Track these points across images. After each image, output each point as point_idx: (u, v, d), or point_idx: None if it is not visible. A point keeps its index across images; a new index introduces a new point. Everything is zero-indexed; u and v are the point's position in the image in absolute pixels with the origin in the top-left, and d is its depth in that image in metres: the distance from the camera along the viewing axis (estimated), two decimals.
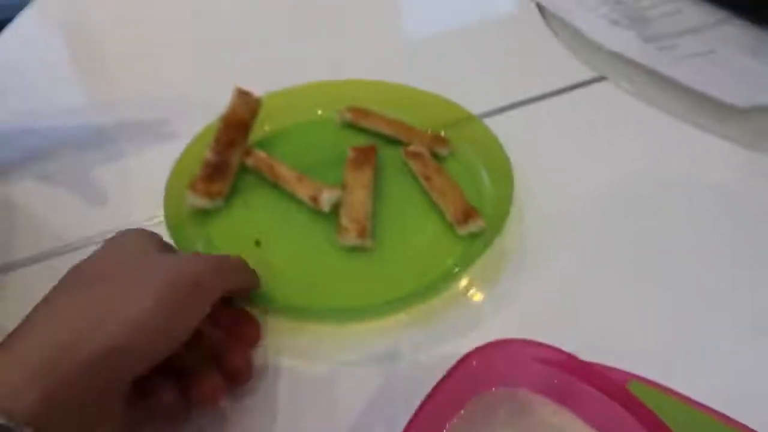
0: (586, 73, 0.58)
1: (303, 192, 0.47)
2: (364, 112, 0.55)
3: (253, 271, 0.39)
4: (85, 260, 0.32)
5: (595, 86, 0.56)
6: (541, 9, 0.65)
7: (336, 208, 0.46)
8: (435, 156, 0.51)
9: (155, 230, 0.36)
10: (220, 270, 0.34)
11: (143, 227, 0.36)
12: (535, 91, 0.57)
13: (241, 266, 0.37)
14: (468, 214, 0.44)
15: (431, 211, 0.47)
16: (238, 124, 0.52)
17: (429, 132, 0.53)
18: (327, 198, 0.46)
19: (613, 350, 0.32)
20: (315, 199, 0.47)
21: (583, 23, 0.60)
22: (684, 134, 0.51)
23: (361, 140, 0.53)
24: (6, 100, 0.61)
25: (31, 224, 0.48)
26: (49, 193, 0.51)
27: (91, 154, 0.55)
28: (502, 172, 0.47)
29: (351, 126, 0.55)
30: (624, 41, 0.58)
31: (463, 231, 0.44)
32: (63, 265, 0.32)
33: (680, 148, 0.51)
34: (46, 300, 0.30)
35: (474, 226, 0.44)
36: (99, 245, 0.34)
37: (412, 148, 0.52)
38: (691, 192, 0.47)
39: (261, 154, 0.51)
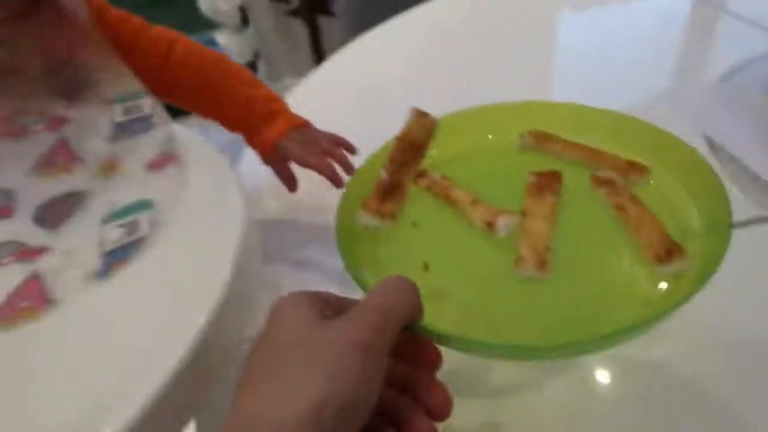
0: (751, 211, 0.52)
1: (477, 216, 0.44)
2: (547, 136, 0.51)
3: (419, 301, 0.35)
4: (258, 343, 0.31)
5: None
6: (709, 140, 0.64)
7: (512, 235, 0.42)
8: (629, 184, 0.45)
9: None
10: (386, 323, 0.31)
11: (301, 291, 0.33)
12: None
13: (405, 298, 0.34)
14: (671, 250, 0.38)
15: (624, 246, 0.41)
16: (413, 144, 0.50)
17: (622, 157, 0.47)
18: (503, 224, 0.43)
19: None
20: (490, 224, 0.43)
21: (752, 160, 0.60)
22: None
23: (542, 165, 0.49)
24: None
25: None
26: None
27: None
28: (715, 204, 0.39)
29: (530, 150, 0.51)
30: None
31: (665, 270, 0.37)
32: None
33: None
34: (243, 391, 0.29)
35: (678, 264, 0.37)
36: None
37: (601, 174, 0.46)
38: None
39: (435, 175, 0.49)
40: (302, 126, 0.56)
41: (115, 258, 0.41)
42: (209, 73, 0.56)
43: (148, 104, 0.50)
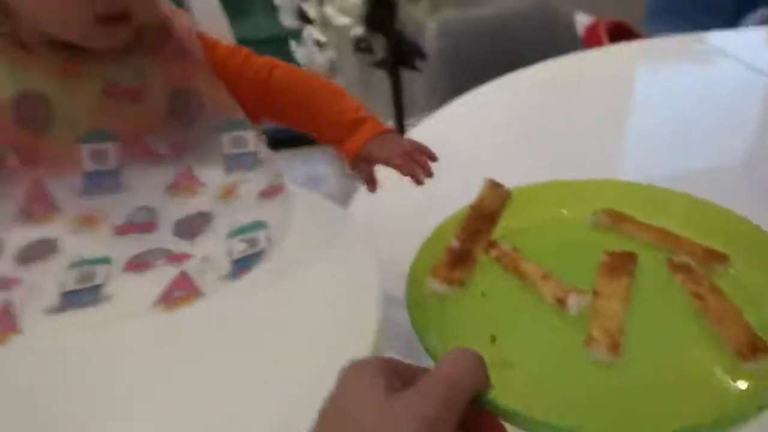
0: None
1: (547, 291, 0.44)
2: (621, 216, 0.51)
3: (486, 374, 0.35)
4: (326, 410, 0.31)
5: None
6: None
7: (582, 314, 0.42)
8: (708, 272, 0.44)
9: None
10: (454, 395, 0.31)
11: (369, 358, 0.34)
12: None
13: (473, 370, 0.33)
14: (756, 346, 0.36)
15: (701, 336, 0.40)
16: (486, 214, 0.51)
17: (699, 243, 0.46)
18: (575, 302, 0.42)
19: None
20: (561, 301, 0.43)
21: None
22: None
23: (614, 245, 0.48)
24: None
25: None
26: None
27: None
28: None
29: (603, 229, 0.51)
30: None
31: (748, 366, 0.36)
32: None
33: None
34: None
35: (764, 362, 0.36)
36: None
37: (678, 259, 0.45)
38: None
39: (506, 246, 0.49)
40: (386, 132, 0.60)
41: (241, 266, 0.50)
42: (304, 93, 0.62)
43: (252, 138, 0.58)
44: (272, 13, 1.69)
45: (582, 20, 1.53)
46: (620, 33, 1.50)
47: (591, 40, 1.51)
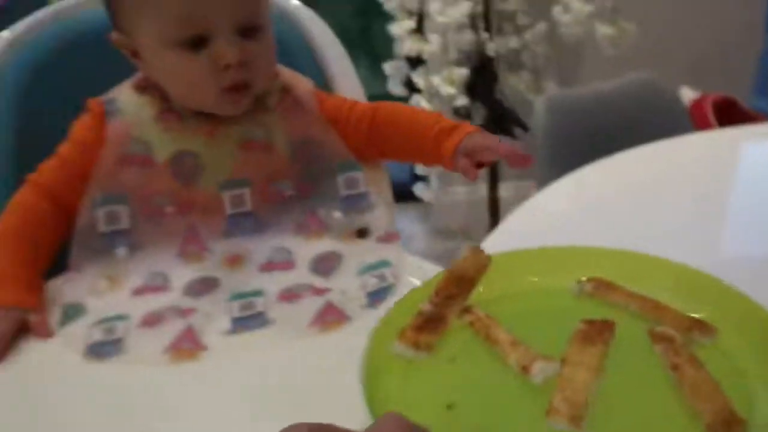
0: None
1: (514, 359, 0.41)
2: (607, 285, 0.48)
3: None
4: None
5: None
6: None
7: (550, 382, 0.39)
8: (690, 343, 0.41)
9: None
10: None
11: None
12: None
13: None
14: (730, 421, 0.33)
15: (675, 411, 0.36)
16: (462, 279, 0.49)
17: (686, 314, 0.43)
18: (539, 368, 0.39)
19: None
20: (526, 369, 0.40)
21: None
22: None
23: (596, 314, 0.45)
24: None
25: None
26: None
27: None
28: None
29: (586, 298, 0.48)
30: None
31: None
32: None
33: None
34: None
35: None
36: None
37: (660, 329, 0.42)
38: None
39: (480, 313, 0.47)
40: (482, 131, 0.63)
41: (376, 297, 0.55)
42: (405, 120, 0.69)
43: (362, 179, 0.65)
44: (377, 75, 1.78)
45: (687, 94, 1.51)
46: (726, 108, 1.46)
47: (697, 115, 1.47)
